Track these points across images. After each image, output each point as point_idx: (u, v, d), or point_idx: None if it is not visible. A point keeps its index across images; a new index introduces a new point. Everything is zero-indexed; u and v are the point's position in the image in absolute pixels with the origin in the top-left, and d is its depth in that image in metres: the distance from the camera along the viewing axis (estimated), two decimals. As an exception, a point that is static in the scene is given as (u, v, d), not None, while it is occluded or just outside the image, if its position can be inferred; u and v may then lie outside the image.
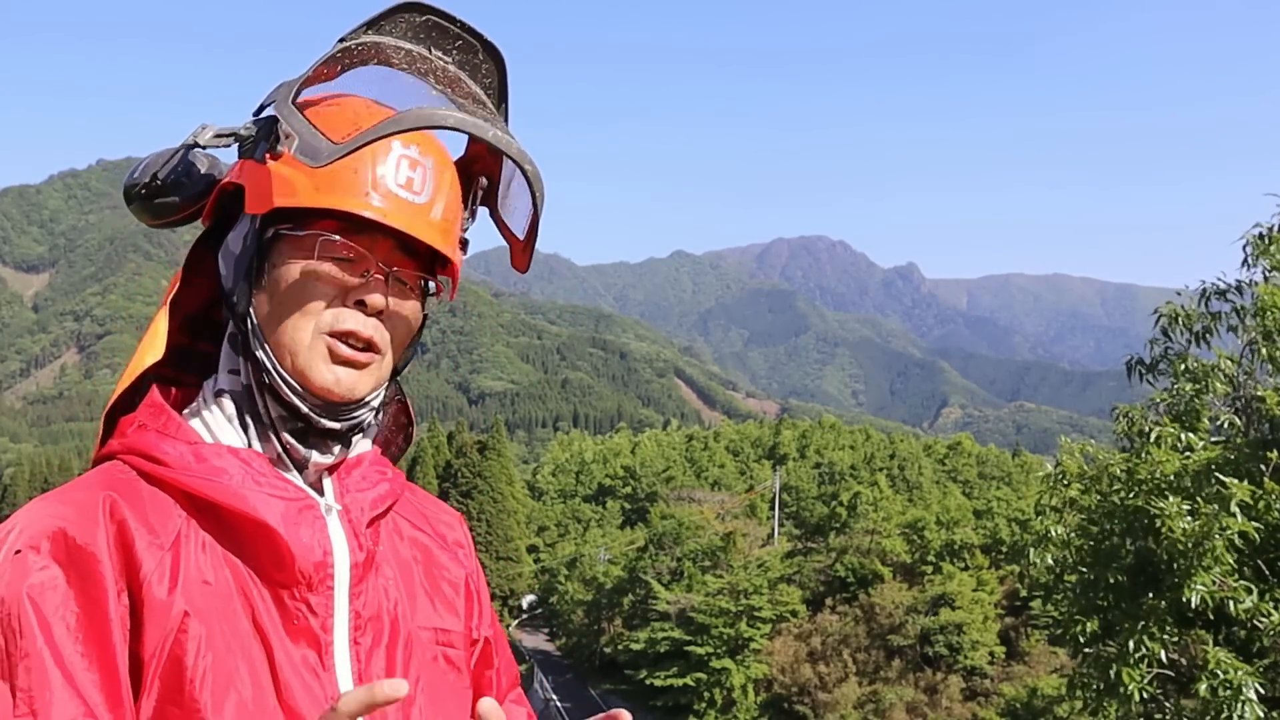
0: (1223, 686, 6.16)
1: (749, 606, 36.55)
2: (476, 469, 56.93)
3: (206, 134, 1.11)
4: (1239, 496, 6.47)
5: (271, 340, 1.07)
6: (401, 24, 1.11)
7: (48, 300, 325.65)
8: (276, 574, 1.03)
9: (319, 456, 1.09)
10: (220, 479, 1.02)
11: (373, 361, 1.08)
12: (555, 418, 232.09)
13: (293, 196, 1.04)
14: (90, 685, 0.93)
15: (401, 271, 1.09)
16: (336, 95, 1.11)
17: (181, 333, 1.15)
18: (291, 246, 1.06)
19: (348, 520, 1.09)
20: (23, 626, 0.92)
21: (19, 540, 0.95)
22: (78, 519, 0.97)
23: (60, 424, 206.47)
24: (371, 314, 1.07)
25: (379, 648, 1.08)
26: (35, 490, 72.93)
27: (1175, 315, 7.92)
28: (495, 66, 1.17)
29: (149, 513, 1.01)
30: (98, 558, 0.96)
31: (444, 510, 1.31)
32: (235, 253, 1.09)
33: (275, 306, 1.06)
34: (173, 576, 0.98)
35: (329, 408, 1.08)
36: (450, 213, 1.11)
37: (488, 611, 1.28)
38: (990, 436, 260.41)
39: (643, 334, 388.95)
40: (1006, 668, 33.70)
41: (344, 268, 1.06)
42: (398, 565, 1.16)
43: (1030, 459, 67.74)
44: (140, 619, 0.97)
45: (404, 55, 1.11)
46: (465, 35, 1.15)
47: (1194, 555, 6.44)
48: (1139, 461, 7.20)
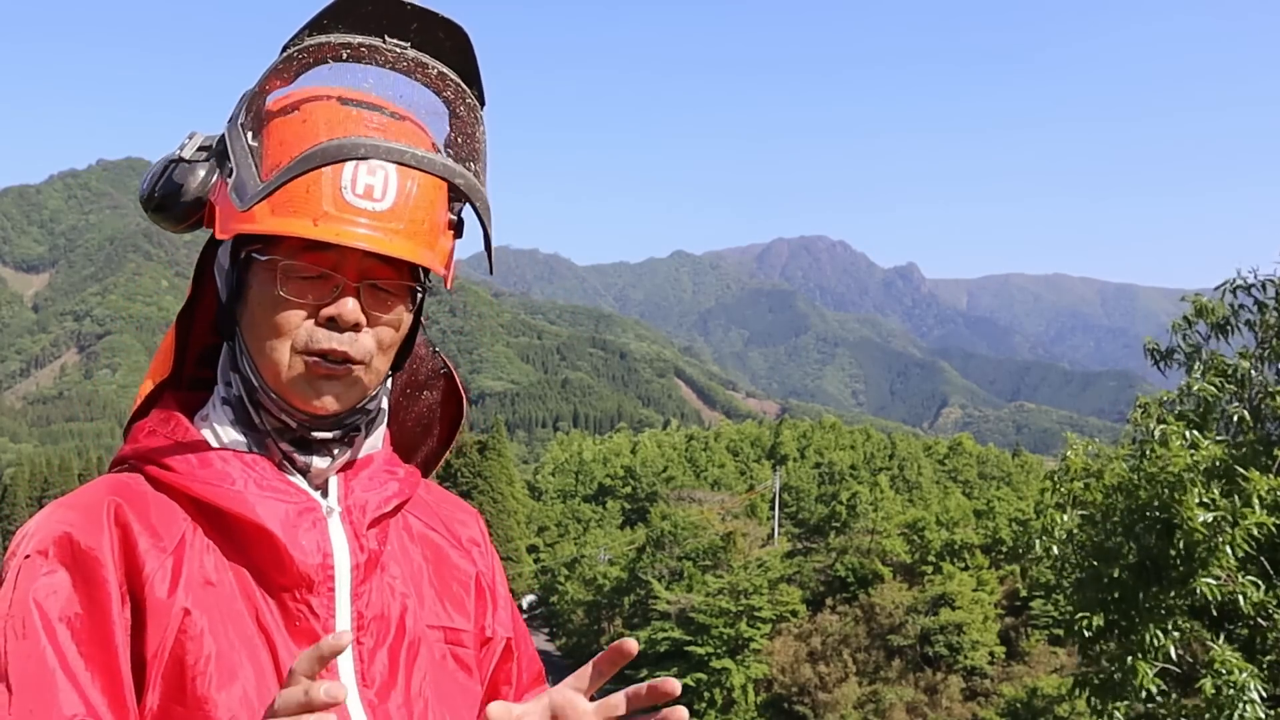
0: (1226, 685, 6.14)
1: (749, 606, 36.53)
2: (476, 469, 56.90)
3: (190, 147, 1.12)
4: (1261, 489, 6.46)
5: (257, 359, 1.08)
6: (349, 17, 1.04)
7: (48, 300, 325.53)
8: (278, 576, 1.05)
9: (319, 461, 1.10)
10: (223, 484, 1.04)
11: (354, 372, 1.07)
12: (555, 418, 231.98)
13: (249, 222, 1.03)
14: (92, 686, 0.96)
15: (378, 281, 1.07)
16: (305, 100, 1.07)
17: (211, 333, 1.16)
18: (261, 269, 1.06)
19: (349, 522, 1.10)
20: (27, 628, 0.96)
21: (28, 546, 1.00)
22: (83, 524, 1.00)
23: (60, 424, 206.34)
24: (346, 329, 1.05)
25: (383, 647, 1.09)
26: (35, 490, 72.99)
27: (1202, 309, 7.87)
28: (458, 44, 1.09)
29: (153, 517, 1.03)
30: (101, 562, 0.99)
31: (460, 508, 1.31)
32: (225, 267, 1.11)
33: (255, 327, 1.07)
34: (174, 578, 1.01)
35: (317, 421, 1.09)
36: (419, 210, 1.06)
37: (505, 609, 1.28)
38: (990, 436, 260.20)
39: (643, 334, 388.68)
40: (1006, 668, 33.69)
41: (313, 285, 1.05)
42: (407, 564, 1.17)
43: (1030, 459, 67.82)
44: (142, 620, 1.00)
45: (352, 51, 1.05)
46: (420, 17, 1.06)
47: (1211, 547, 6.42)
48: (1147, 458, 7.18)
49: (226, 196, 1.04)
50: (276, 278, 1.05)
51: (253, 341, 1.08)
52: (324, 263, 1.05)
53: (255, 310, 1.07)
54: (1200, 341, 7.96)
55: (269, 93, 1.06)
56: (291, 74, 1.06)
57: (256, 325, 1.07)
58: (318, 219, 1.02)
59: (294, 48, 1.04)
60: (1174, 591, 6.81)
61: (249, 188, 1.01)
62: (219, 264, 1.12)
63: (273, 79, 1.05)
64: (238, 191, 1.02)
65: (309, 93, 1.07)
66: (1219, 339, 7.92)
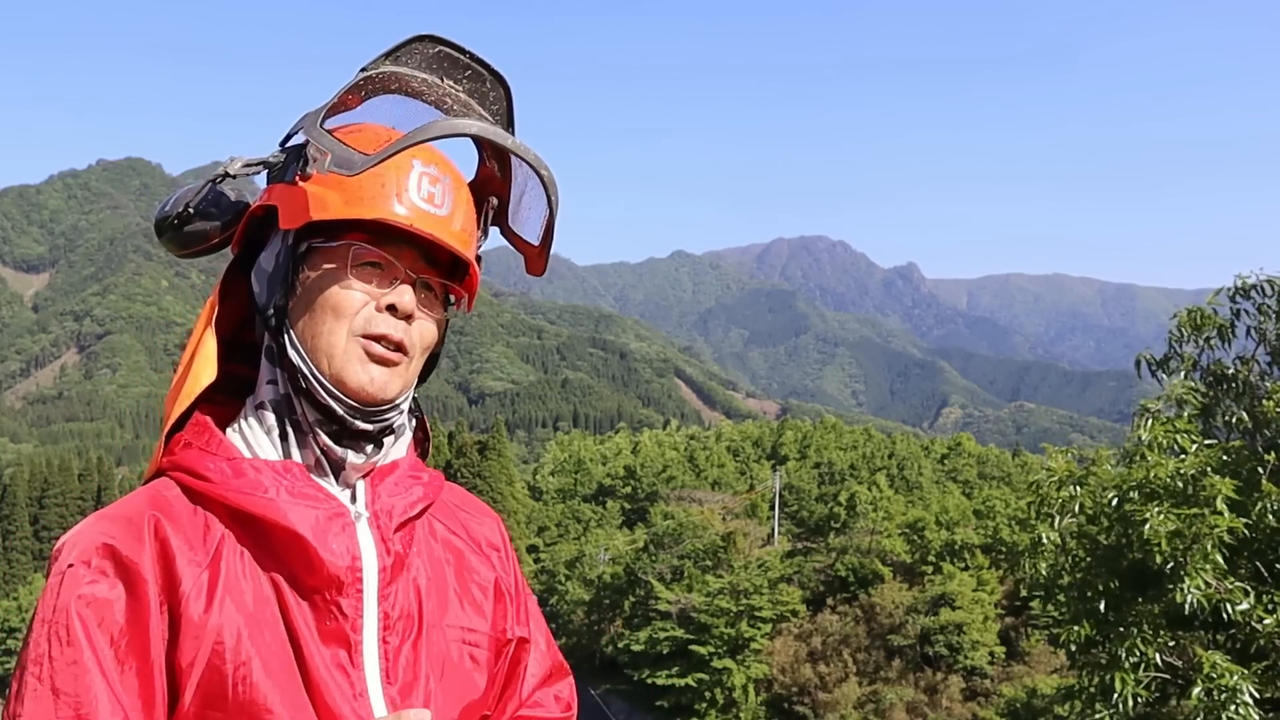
0: (1218, 690, 6.15)
1: (749, 606, 36.58)
2: (476, 469, 56.95)
3: (236, 164, 1.20)
4: (1224, 492, 6.47)
5: (307, 346, 1.14)
6: (416, 55, 1.22)
7: (48, 300, 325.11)
8: (309, 579, 1.11)
9: (354, 457, 1.16)
10: (257, 493, 1.10)
11: (402, 363, 1.16)
12: (555, 418, 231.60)
13: (325, 210, 1.12)
14: (129, 692, 1.03)
15: (427, 279, 1.18)
16: (358, 124, 1.20)
17: (232, 340, 1.23)
18: (324, 258, 1.15)
19: (376, 526, 1.16)
20: (70, 635, 1.02)
21: (71, 555, 1.06)
22: (124, 536, 1.07)
23: (60, 424, 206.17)
24: (401, 317, 1.15)
25: (406, 644, 1.16)
26: (35, 490, 72.96)
27: (1196, 318, 7.83)
28: (503, 94, 1.26)
29: (190, 530, 1.10)
30: (141, 574, 1.05)
31: (483, 512, 1.38)
32: (269, 270, 1.17)
33: (310, 314, 1.14)
34: (210, 591, 1.07)
35: (362, 409, 1.15)
36: (467, 227, 1.20)
37: (525, 610, 1.35)
38: (990, 436, 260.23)
39: (643, 334, 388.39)
40: (1006, 668, 33.72)
41: (374, 275, 1.15)
42: (430, 565, 1.23)
43: (1030, 459, 67.67)
44: (178, 631, 1.06)
45: (419, 82, 1.22)
46: (474, 65, 1.24)
47: (1183, 557, 6.44)
48: (1132, 466, 7.18)
49: (296, 192, 1.14)
50: (347, 262, 1.13)
51: (308, 327, 1.14)
52: (388, 254, 1.14)
53: (315, 296, 1.14)
54: (1194, 352, 7.92)
55: (347, 106, 1.19)
56: (364, 94, 1.20)
57: (314, 311, 1.14)
58: (392, 210, 1.13)
59: (372, 70, 1.20)
60: (1156, 603, 6.82)
61: (357, 159, 1.12)
62: (259, 270, 1.19)
63: (348, 95, 1.19)
64: (343, 165, 1.12)
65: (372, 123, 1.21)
66: (1214, 348, 7.89)
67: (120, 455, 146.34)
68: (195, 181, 1.23)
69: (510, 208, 1.30)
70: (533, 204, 1.28)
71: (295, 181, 1.14)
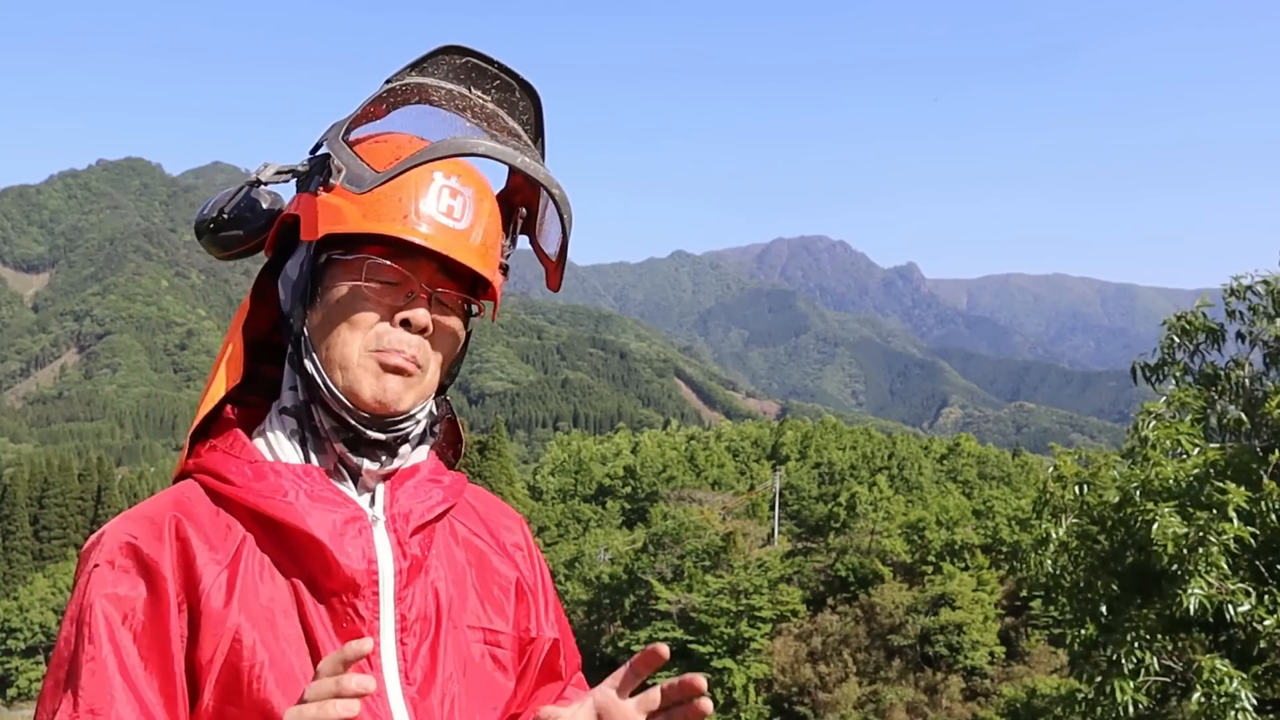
0: (1217, 696, 6.13)
1: (749, 606, 36.57)
2: (476, 469, 56.97)
3: (268, 171, 1.22)
4: (1236, 501, 6.43)
5: (322, 356, 1.16)
6: (443, 65, 1.22)
7: (48, 300, 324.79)
8: (326, 582, 1.12)
9: (369, 464, 1.18)
10: (276, 496, 1.12)
11: (416, 375, 1.17)
12: (555, 418, 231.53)
13: (342, 224, 1.13)
14: (149, 689, 1.06)
15: (443, 293, 1.18)
16: (384, 133, 1.21)
17: (248, 357, 1.23)
18: (342, 270, 1.16)
19: (393, 529, 1.17)
20: (92, 633, 1.05)
21: (98, 555, 1.10)
22: (146, 536, 1.10)
23: (60, 424, 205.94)
24: (415, 332, 1.16)
25: (424, 646, 1.17)
26: (35, 490, 72.94)
27: (1188, 324, 7.82)
28: (531, 104, 1.26)
29: (211, 530, 1.12)
30: (162, 573, 1.08)
31: (505, 513, 1.40)
32: (293, 279, 1.20)
33: (327, 325, 1.16)
34: (229, 589, 1.09)
35: (375, 420, 1.16)
36: (489, 239, 1.20)
37: (547, 610, 1.36)
38: (990, 436, 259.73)
39: (643, 334, 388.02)
40: (1006, 668, 33.74)
41: (390, 289, 1.15)
42: (451, 567, 1.24)
43: (1030, 459, 67.81)
44: (198, 629, 1.08)
45: (444, 94, 1.22)
46: (503, 75, 1.24)
47: (1188, 562, 6.41)
48: (1135, 467, 7.17)
49: (316, 203, 1.16)
50: (362, 274, 1.14)
51: (324, 338, 1.16)
52: (404, 268, 1.15)
53: (332, 308, 1.16)
54: (1185, 358, 7.92)
55: (371, 117, 1.21)
56: (389, 105, 1.21)
57: (331, 321, 1.15)
58: (405, 225, 1.13)
59: (396, 82, 1.20)
60: (1156, 607, 6.80)
61: (367, 178, 1.13)
62: (285, 276, 1.22)
63: (373, 106, 1.20)
64: (353, 182, 1.13)
65: (398, 132, 1.22)
66: (1205, 353, 7.88)
67: (120, 455, 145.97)
68: (231, 186, 1.24)
69: (538, 218, 1.31)
70: (551, 219, 1.28)
71: (317, 192, 1.16)
